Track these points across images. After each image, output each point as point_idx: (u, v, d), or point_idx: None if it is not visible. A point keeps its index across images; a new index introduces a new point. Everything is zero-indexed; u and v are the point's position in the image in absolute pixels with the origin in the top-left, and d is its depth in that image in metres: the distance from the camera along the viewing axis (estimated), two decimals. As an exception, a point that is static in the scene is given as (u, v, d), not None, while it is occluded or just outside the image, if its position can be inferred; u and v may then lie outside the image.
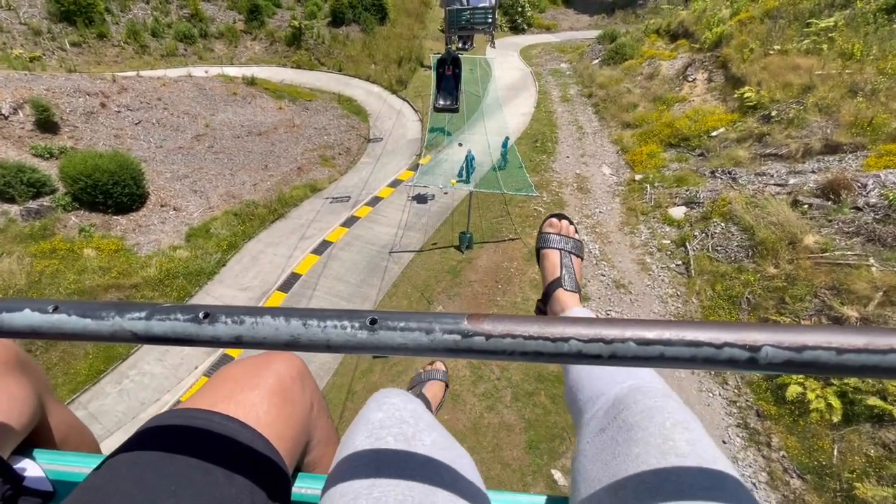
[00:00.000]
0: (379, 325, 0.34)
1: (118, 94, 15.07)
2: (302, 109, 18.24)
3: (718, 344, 0.30)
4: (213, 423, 0.50)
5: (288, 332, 0.34)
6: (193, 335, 0.35)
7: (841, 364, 0.28)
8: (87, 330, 0.36)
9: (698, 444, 0.45)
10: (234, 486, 0.44)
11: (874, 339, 0.28)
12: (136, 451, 0.45)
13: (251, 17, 23.83)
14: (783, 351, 0.29)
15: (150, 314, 0.36)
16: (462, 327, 0.32)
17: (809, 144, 10.07)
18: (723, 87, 13.75)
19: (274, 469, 0.50)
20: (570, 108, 16.95)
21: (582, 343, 0.31)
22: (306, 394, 0.63)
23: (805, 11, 13.44)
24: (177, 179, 13.15)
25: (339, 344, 0.34)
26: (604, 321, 0.32)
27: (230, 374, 0.60)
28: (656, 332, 0.30)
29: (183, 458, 0.44)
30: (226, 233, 11.31)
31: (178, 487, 0.41)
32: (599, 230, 9.73)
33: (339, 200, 11.58)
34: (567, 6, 35.42)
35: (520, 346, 0.31)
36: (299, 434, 0.59)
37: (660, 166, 11.50)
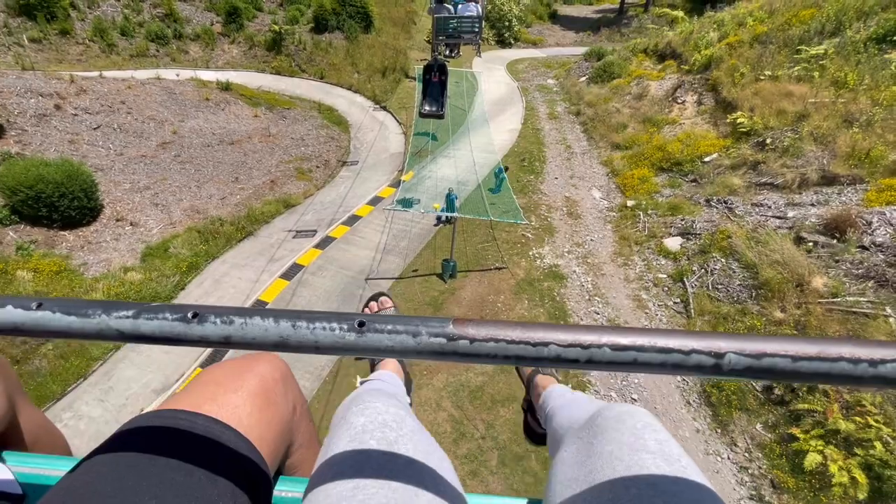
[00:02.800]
0: (367, 328, 0.34)
1: (76, 95, 13.94)
2: (279, 118, 17.34)
3: (687, 350, 0.31)
4: (195, 425, 0.49)
5: (277, 332, 0.34)
6: (181, 335, 0.35)
7: (795, 370, 0.31)
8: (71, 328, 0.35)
9: (665, 444, 0.48)
10: (216, 488, 0.43)
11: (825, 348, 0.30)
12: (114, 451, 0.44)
13: (230, 19, 22.86)
14: (745, 358, 0.31)
15: (138, 313, 0.35)
16: (447, 331, 0.33)
17: (806, 175, 9.73)
18: (713, 111, 13.48)
19: (256, 471, 0.50)
20: (557, 126, 16.50)
21: (561, 348, 0.32)
22: (289, 396, 0.63)
23: (794, 38, 13.32)
24: (136, 191, 12.09)
25: (327, 345, 0.34)
26: (581, 328, 0.33)
27: (213, 375, 0.59)
28: (630, 339, 0.32)
29: (164, 460, 0.43)
30: (187, 252, 10.32)
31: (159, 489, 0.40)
32: (592, 261, 9.14)
33: (303, 235, 10.60)
34: (553, 22, 35.47)
35: (502, 349, 0.33)
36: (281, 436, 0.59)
37: (652, 192, 11.04)
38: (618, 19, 32.94)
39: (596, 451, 0.51)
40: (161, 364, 8.37)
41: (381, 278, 9.44)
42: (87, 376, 8.22)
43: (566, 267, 9.04)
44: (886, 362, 0.30)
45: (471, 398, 6.59)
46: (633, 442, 0.49)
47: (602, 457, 0.49)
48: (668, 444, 0.49)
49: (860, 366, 0.30)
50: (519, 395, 6.66)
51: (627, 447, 0.48)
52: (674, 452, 0.48)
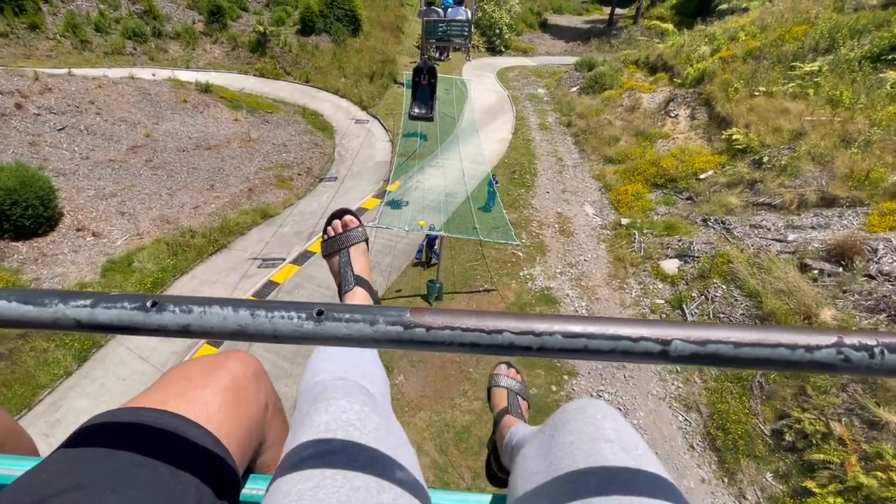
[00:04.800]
0: (325, 317, 0.34)
1: (40, 93, 13.07)
2: (261, 122, 16.63)
3: (635, 338, 0.32)
4: (159, 420, 0.48)
5: (235, 321, 0.34)
6: (140, 323, 0.35)
7: (737, 356, 0.32)
8: (27, 317, 0.35)
9: (624, 433, 0.50)
10: (179, 483, 0.43)
11: (765, 335, 0.32)
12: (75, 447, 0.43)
13: (212, 18, 22.07)
14: (690, 345, 0.32)
15: (96, 302, 0.35)
16: (404, 319, 0.34)
17: (805, 196, 9.42)
18: (707, 126, 13.21)
19: (222, 467, 0.49)
20: (548, 137, 16.11)
21: (514, 335, 0.33)
22: (261, 394, 0.63)
23: (788, 54, 13.14)
24: (101, 198, 11.28)
25: (285, 334, 0.34)
26: (535, 316, 0.34)
27: (183, 371, 0.59)
28: (581, 327, 0.33)
29: (126, 455, 0.43)
30: (152, 267, 9.57)
31: (119, 483, 0.39)
32: (585, 283, 8.66)
33: (270, 264, 9.86)
34: (543, 31, 35.35)
35: (458, 337, 0.33)
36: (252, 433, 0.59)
37: (647, 209, 10.64)
38: (607, 30, 32.96)
39: (557, 443, 0.51)
40: (116, 393, 7.62)
41: (363, 299, 8.82)
42: (33, 406, 7.44)
43: (559, 290, 8.55)
44: (822, 348, 0.31)
45: (456, 441, 6.02)
46: (592, 431, 0.50)
47: (563, 447, 0.50)
48: (627, 433, 0.50)
49: (797, 351, 0.31)
50: (509, 438, 6.11)
51: (587, 437, 0.49)
52: (631, 441, 0.49)
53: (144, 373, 7.97)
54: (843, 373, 0.32)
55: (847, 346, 0.31)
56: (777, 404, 5.91)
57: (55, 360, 7.90)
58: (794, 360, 0.32)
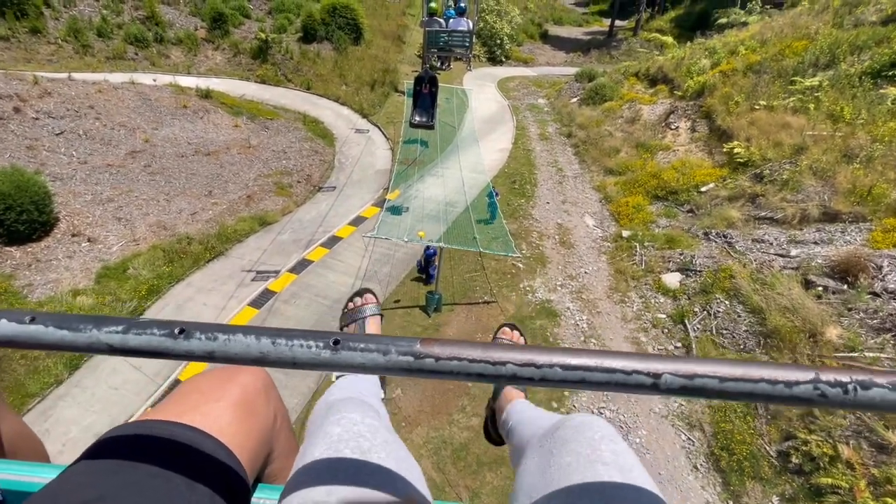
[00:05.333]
0: (341, 346, 0.36)
1: (39, 98, 13.00)
2: (261, 128, 16.58)
3: (629, 371, 0.34)
4: (175, 433, 0.50)
5: (258, 349, 0.36)
6: (168, 349, 0.37)
7: (722, 390, 0.34)
8: (63, 341, 0.37)
9: (621, 455, 0.51)
10: (194, 494, 0.44)
11: (748, 370, 0.34)
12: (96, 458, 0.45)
13: (215, 25, 22.11)
14: (679, 378, 0.34)
15: (127, 328, 0.37)
16: (415, 350, 0.36)
17: (807, 210, 9.38)
18: (707, 139, 13.21)
19: (235, 478, 0.51)
20: (549, 147, 16.10)
21: (517, 367, 0.35)
22: (270, 406, 0.65)
23: (788, 68, 13.18)
24: (98, 203, 11.17)
25: (304, 361, 0.36)
26: (536, 349, 0.36)
27: (196, 385, 0.60)
28: (579, 360, 0.35)
29: (144, 467, 0.44)
30: (147, 274, 9.44)
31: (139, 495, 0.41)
32: (586, 296, 8.56)
33: (263, 277, 9.78)
34: (544, 42, 35.59)
35: (465, 367, 0.35)
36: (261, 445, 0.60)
37: (648, 221, 10.58)
38: (607, 42, 33.19)
39: (555, 462, 0.53)
40: (107, 403, 7.46)
41: (360, 309, 8.69)
42: (22, 416, 7.24)
43: (559, 303, 8.44)
44: (800, 383, 0.33)
45: (454, 458, 5.87)
46: (589, 454, 0.51)
47: (561, 468, 0.51)
48: (623, 456, 0.51)
49: (777, 386, 0.33)
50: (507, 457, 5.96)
51: (584, 458, 0.50)
52: (627, 463, 0.50)
53: (136, 382, 7.82)
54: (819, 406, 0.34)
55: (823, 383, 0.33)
56: (783, 424, 5.79)
57: (45, 369, 7.73)
58: (775, 395, 0.33)
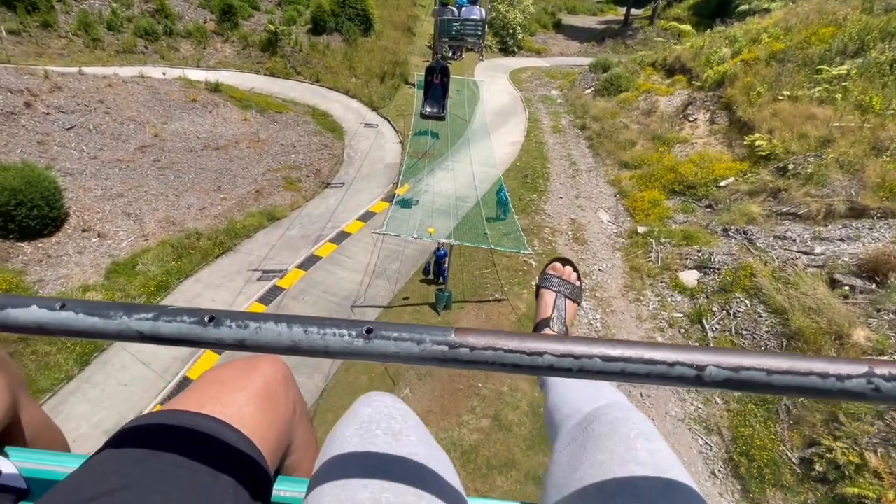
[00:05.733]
0: (374, 335, 0.36)
1: (50, 92, 13.04)
2: (270, 122, 16.49)
3: (671, 363, 0.33)
4: (198, 424, 0.50)
5: (290, 337, 0.36)
6: (198, 337, 0.37)
7: (769, 383, 0.33)
8: (94, 328, 0.37)
9: (657, 454, 0.48)
10: (218, 485, 0.44)
11: (797, 363, 0.32)
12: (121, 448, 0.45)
13: (224, 17, 22.01)
14: (724, 371, 0.33)
15: (157, 315, 0.37)
16: (450, 339, 0.35)
17: (833, 206, 8.98)
18: (727, 131, 12.77)
19: (257, 469, 0.50)
20: (562, 140, 15.75)
21: (554, 358, 0.34)
22: (290, 398, 0.64)
23: (814, 57, 12.64)
24: (108, 198, 11.18)
25: (336, 350, 0.36)
26: (574, 339, 0.35)
27: (217, 375, 0.61)
28: (619, 351, 0.34)
29: (169, 456, 0.44)
30: (156, 270, 9.43)
31: (164, 484, 0.41)
32: (600, 294, 8.32)
33: (270, 276, 9.57)
34: (557, 31, 34.90)
35: (500, 357, 0.35)
36: (282, 437, 0.60)
37: (664, 217, 10.26)
38: (622, 31, 32.41)
39: (588, 459, 0.51)
40: (116, 399, 7.46)
41: (369, 306, 8.58)
42: (33, 411, 7.29)
43: (572, 301, 8.22)
44: (853, 377, 0.32)
45: (463, 461, 5.73)
46: (623, 453, 0.49)
47: (594, 466, 0.49)
48: (660, 454, 0.49)
49: (829, 380, 0.32)
50: (520, 461, 5.81)
51: (619, 458, 0.48)
52: (665, 463, 0.47)
53: (145, 378, 7.81)
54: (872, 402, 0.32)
55: (877, 377, 0.31)
56: (806, 430, 5.54)
57: (56, 365, 7.76)
58: (826, 389, 0.32)
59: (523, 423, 6.09)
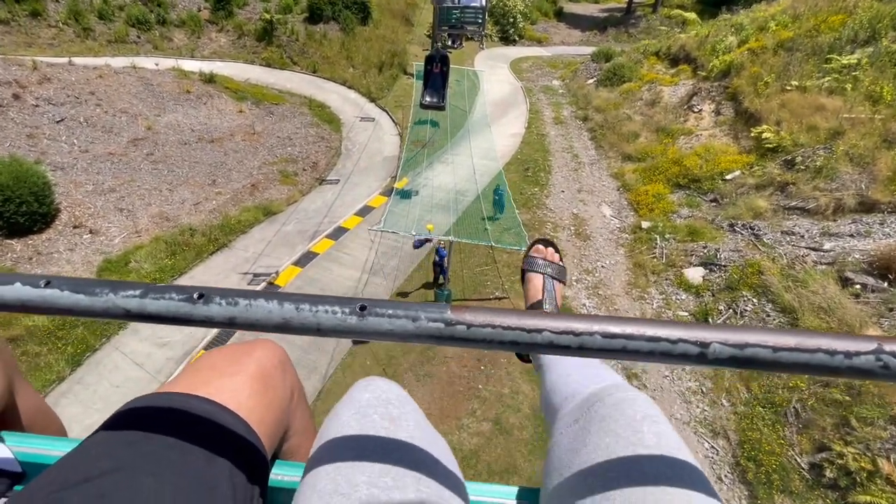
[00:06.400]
0: (368, 312, 0.35)
1: (39, 84, 12.72)
2: (266, 114, 16.17)
3: (674, 339, 0.32)
4: (192, 406, 0.49)
5: (280, 314, 0.35)
6: (187, 314, 0.36)
7: (776, 360, 0.32)
8: (79, 305, 0.37)
9: (664, 437, 0.47)
10: (213, 467, 0.44)
11: (804, 339, 0.31)
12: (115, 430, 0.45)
13: (218, 5, 21.53)
14: (728, 348, 0.32)
15: (145, 293, 0.36)
16: (446, 316, 0.34)
17: (842, 200, 8.75)
18: (733, 122, 12.47)
19: (254, 452, 0.50)
20: (563, 132, 15.45)
21: (554, 335, 0.33)
22: (287, 382, 0.64)
23: (824, 45, 12.30)
24: (100, 193, 10.94)
25: (329, 328, 0.35)
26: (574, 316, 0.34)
27: (211, 360, 0.60)
28: (620, 328, 0.33)
29: (162, 438, 0.44)
30: (149, 267, 9.22)
31: (156, 467, 0.41)
32: (603, 292, 8.13)
33: (261, 279, 9.21)
34: (559, 20, 34.29)
35: (498, 335, 0.34)
36: (279, 420, 0.60)
37: (668, 211, 10.03)
38: (625, 19, 31.85)
39: (592, 441, 0.50)
40: (109, 401, 7.30)
41: (366, 305, 8.37)
42: (23, 414, 7.14)
43: (575, 299, 8.03)
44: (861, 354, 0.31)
45: (463, 466, 5.54)
46: (630, 436, 0.48)
47: (598, 449, 0.48)
48: (666, 438, 0.48)
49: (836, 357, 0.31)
50: (521, 466, 5.66)
51: (624, 441, 0.47)
52: (672, 446, 0.47)
53: (139, 380, 7.65)
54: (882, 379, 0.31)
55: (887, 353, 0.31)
56: (815, 434, 5.38)
57: (47, 365, 7.59)
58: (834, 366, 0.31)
59: (525, 426, 5.93)
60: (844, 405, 5.34)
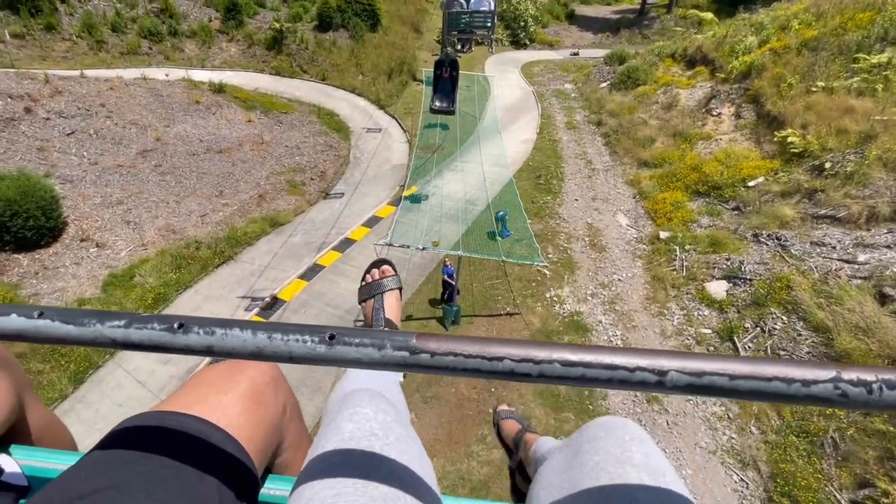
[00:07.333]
0: (336, 340, 0.36)
1: (50, 97, 12.80)
2: (275, 123, 16.10)
3: (632, 368, 0.33)
4: (185, 425, 0.51)
5: (254, 343, 0.37)
6: (168, 343, 0.38)
7: (733, 388, 0.33)
8: (69, 335, 0.38)
9: (652, 457, 0.48)
10: (203, 486, 0.45)
11: (759, 368, 0.33)
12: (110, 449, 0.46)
13: (229, 15, 21.67)
14: (686, 376, 0.33)
15: (129, 323, 0.38)
16: (411, 344, 0.35)
17: (876, 208, 8.22)
18: (755, 126, 11.96)
19: (243, 469, 0.51)
20: (576, 138, 15.05)
21: (514, 363, 0.34)
22: (279, 398, 0.65)
23: (851, 44, 11.73)
24: (108, 206, 10.90)
25: (300, 356, 0.37)
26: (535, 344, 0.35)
27: (205, 378, 0.61)
28: (579, 356, 0.34)
29: (156, 458, 0.45)
30: (154, 281, 9.09)
31: (150, 485, 0.42)
32: (620, 308, 7.73)
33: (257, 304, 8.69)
34: (570, 23, 33.87)
35: (461, 363, 0.35)
36: (270, 436, 0.61)
37: (688, 221, 9.58)
38: (638, 20, 31.31)
39: (582, 461, 0.51)
40: (110, 421, 7.11)
41: (373, 320, 8.10)
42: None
43: (590, 315, 7.65)
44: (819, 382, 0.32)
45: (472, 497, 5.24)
46: (619, 454, 0.49)
47: (588, 466, 0.49)
48: (654, 458, 0.49)
49: (793, 385, 0.32)
50: (534, 501, 5.29)
51: (613, 459, 0.48)
52: (659, 467, 0.47)
53: (141, 398, 7.48)
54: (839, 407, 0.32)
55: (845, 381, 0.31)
56: (857, 469, 4.92)
57: (49, 384, 7.47)
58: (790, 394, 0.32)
59: (538, 455, 5.60)
60: (889, 436, 4.88)
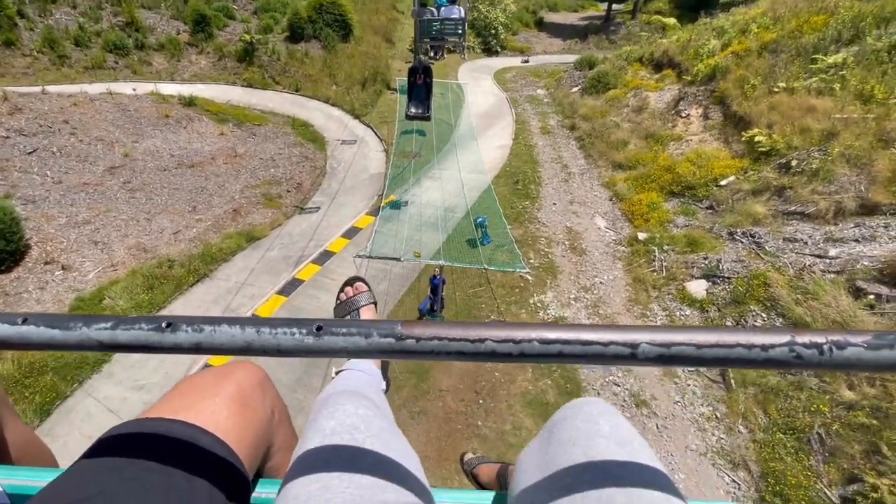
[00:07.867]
0: (324, 331, 0.37)
1: (9, 114, 12.25)
2: (248, 135, 15.79)
3: (606, 342, 0.35)
4: (173, 430, 0.50)
5: (243, 338, 0.37)
6: (156, 343, 0.38)
7: (699, 356, 0.35)
8: (54, 340, 0.38)
9: (618, 428, 0.51)
10: (193, 489, 0.45)
11: (723, 336, 0.35)
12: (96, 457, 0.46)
13: (198, 28, 21.24)
14: (656, 347, 0.35)
15: (116, 325, 0.38)
16: (396, 331, 0.36)
17: (842, 203, 8.52)
18: (723, 126, 12.30)
19: (232, 472, 0.51)
20: (551, 142, 15.22)
21: (495, 343, 0.36)
22: (266, 401, 0.65)
23: (808, 46, 12.22)
24: (74, 226, 10.43)
25: (288, 348, 0.37)
26: (514, 325, 0.37)
27: (192, 383, 0.60)
28: (556, 334, 0.36)
29: (143, 463, 0.45)
30: (125, 304, 8.71)
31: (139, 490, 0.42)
32: (603, 311, 7.76)
33: None
34: (539, 29, 34.46)
35: (445, 346, 0.36)
36: (259, 439, 0.60)
37: (664, 221, 9.74)
38: (605, 26, 32.08)
39: (555, 439, 0.52)
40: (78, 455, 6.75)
41: (356, 334, 7.93)
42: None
43: (574, 319, 7.65)
44: (776, 346, 0.34)
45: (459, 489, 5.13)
46: (588, 428, 0.51)
47: (561, 444, 0.51)
48: (621, 428, 0.51)
49: (753, 350, 0.34)
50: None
51: (584, 433, 0.50)
52: (625, 435, 0.50)
53: (113, 428, 7.10)
54: (795, 367, 0.34)
55: (798, 345, 0.34)
56: (844, 464, 5.00)
57: (12, 418, 7.02)
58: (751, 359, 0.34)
59: (529, 465, 5.52)
60: (872, 430, 4.98)
